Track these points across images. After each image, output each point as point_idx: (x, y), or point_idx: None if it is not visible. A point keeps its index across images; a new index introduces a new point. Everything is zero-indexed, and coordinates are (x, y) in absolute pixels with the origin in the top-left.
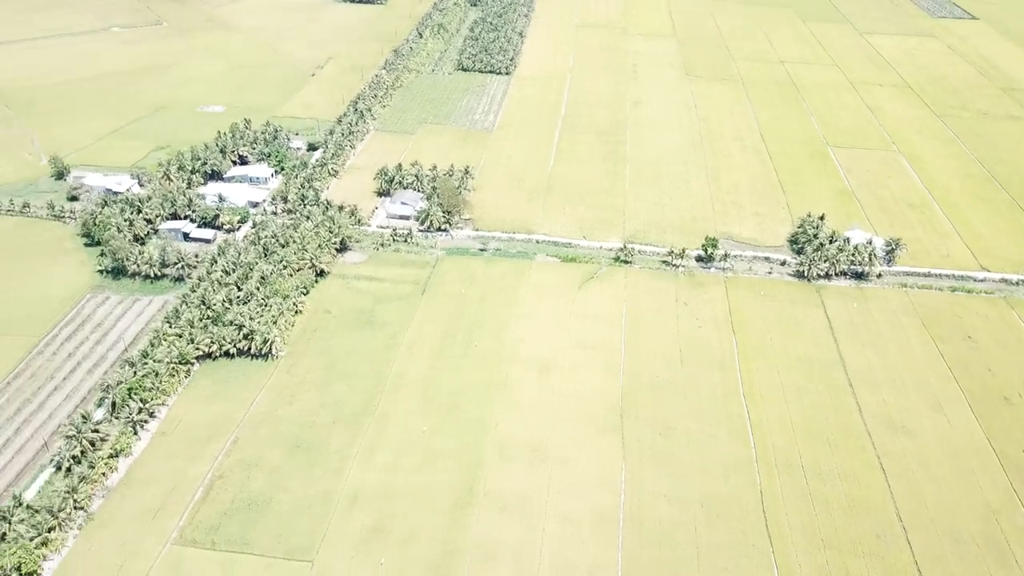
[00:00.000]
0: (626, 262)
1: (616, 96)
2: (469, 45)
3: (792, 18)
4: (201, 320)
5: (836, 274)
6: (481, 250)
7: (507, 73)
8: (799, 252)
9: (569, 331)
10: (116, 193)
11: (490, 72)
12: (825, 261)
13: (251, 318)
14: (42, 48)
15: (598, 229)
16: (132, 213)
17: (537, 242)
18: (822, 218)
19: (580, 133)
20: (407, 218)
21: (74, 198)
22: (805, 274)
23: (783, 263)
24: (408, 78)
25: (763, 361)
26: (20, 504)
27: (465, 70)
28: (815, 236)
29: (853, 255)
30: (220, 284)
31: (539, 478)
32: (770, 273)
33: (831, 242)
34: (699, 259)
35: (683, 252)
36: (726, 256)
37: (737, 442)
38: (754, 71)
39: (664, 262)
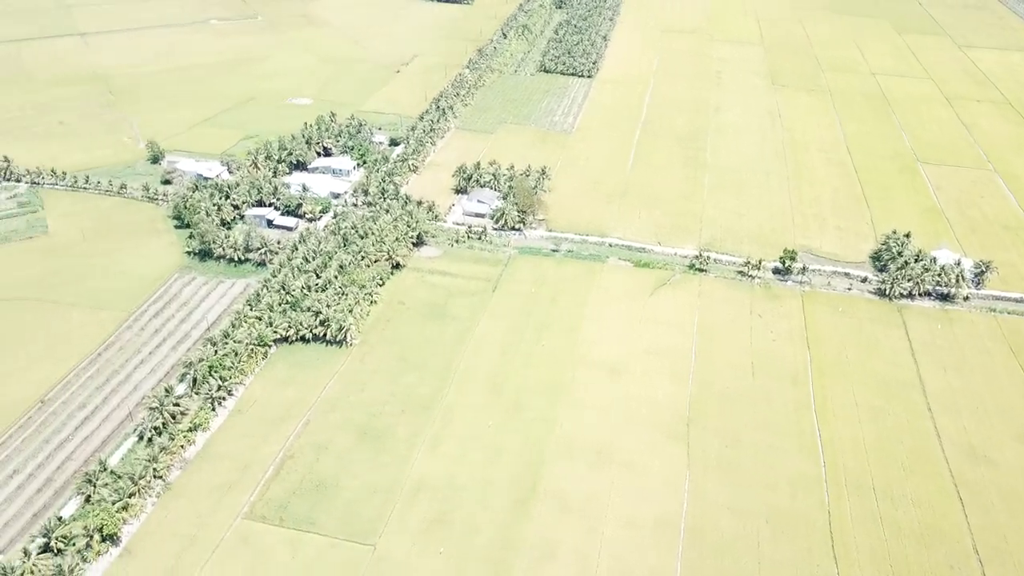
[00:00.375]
0: (701, 270)
1: (698, 102)
2: (552, 47)
3: (886, 29)
4: (280, 305)
5: (920, 294)
6: (554, 251)
7: (589, 76)
8: (881, 269)
9: (639, 336)
10: (206, 179)
11: (572, 74)
12: (909, 280)
13: (328, 305)
14: (145, 38)
15: (674, 235)
16: (220, 198)
17: (610, 245)
18: (908, 236)
19: (660, 138)
20: (482, 216)
21: (167, 182)
22: (887, 292)
23: (864, 280)
24: (491, 78)
25: (838, 378)
26: (105, 469)
27: (547, 72)
28: (899, 254)
29: (939, 275)
30: (300, 271)
31: (602, 480)
32: (849, 289)
33: (916, 261)
34: (776, 271)
35: (760, 263)
36: (804, 270)
37: (806, 459)
38: (843, 82)
39: (740, 272)
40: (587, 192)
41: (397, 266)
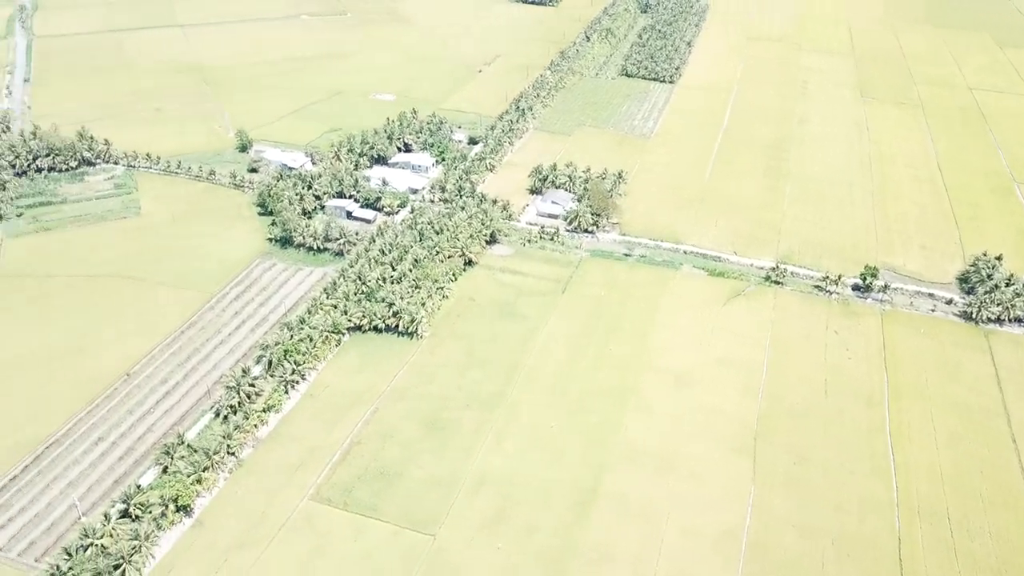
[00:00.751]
0: (777, 282)
1: (782, 112)
2: (635, 51)
3: (987, 43)
4: (355, 294)
5: (1010, 320)
6: (626, 255)
7: (671, 81)
8: (969, 292)
9: (710, 346)
10: (291, 168)
11: (654, 79)
12: (998, 305)
13: (401, 297)
14: (240, 31)
15: (751, 245)
16: (303, 188)
17: (685, 252)
18: (999, 258)
19: (741, 146)
20: (556, 217)
21: (254, 170)
22: (973, 316)
23: (949, 302)
24: (571, 80)
25: (916, 402)
26: (182, 443)
27: (629, 76)
28: (989, 277)
29: None
30: (376, 263)
31: (664, 488)
32: (933, 311)
33: (1007, 285)
34: (856, 288)
35: (839, 278)
36: (886, 288)
37: (878, 482)
38: (937, 96)
39: (817, 287)
40: (663, 198)
41: (469, 263)
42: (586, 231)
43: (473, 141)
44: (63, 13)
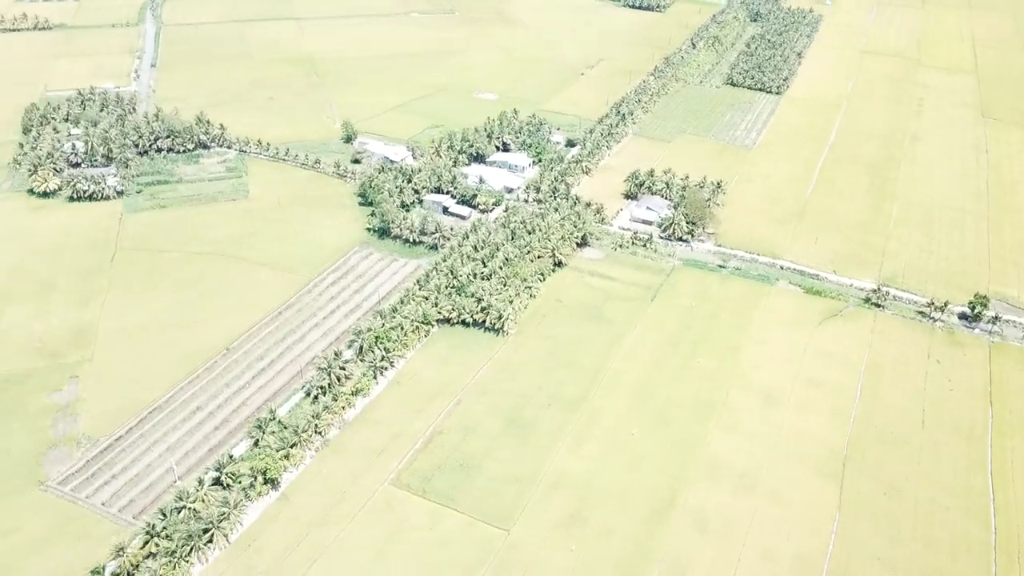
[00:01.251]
0: (877, 305)
1: (893, 130)
2: (742, 60)
3: None
4: (447, 288)
5: None
6: (720, 266)
7: (778, 92)
8: None
9: (802, 365)
10: (392, 162)
11: (760, 89)
12: None
13: (490, 294)
14: (352, 26)
15: (851, 265)
16: (403, 182)
17: (781, 268)
18: None
19: (846, 163)
20: (650, 223)
21: (357, 161)
22: None
23: None
24: (674, 87)
25: (1022, 440)
26: (274, 418)
27: (734, 85)
28: None
29: None
30: (468, 258)
31: (744, 506)
32: None
33: None
34: (963, 316)
35: (945, 305)
36: (996, 319)
37: (975, 521)
38: None
39: (921, 313)
40: (762, 210)
41: (559, 264)
42: (680, 239)
43: (571, 143)
44: (191, 3)
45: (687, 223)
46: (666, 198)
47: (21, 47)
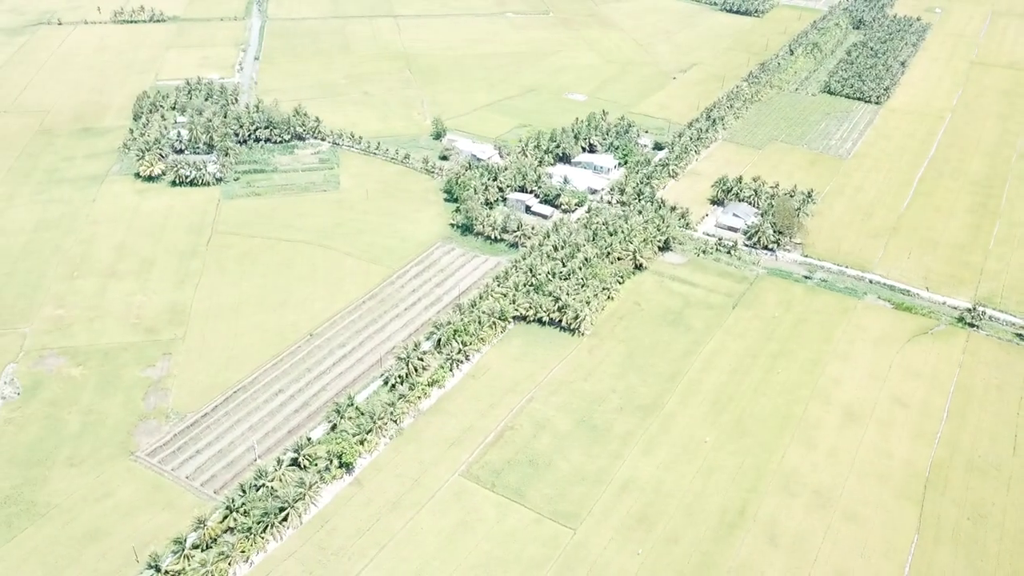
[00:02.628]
0: (972, 325)
1: (1000, 145)
2: (842, 68)
3: None
4: (525, 286)
5: None
6: (806, 277)
7: (877, 102)
8: None
9: (887, 383)
10: (479, 159)
11: (858, 99)
12: None
13: (568, 293)
14: (448, 25)
15: (945, 283)
16: (489, 180)
17: (870, 282)
18: None
19: (946, 178)
20: (735, 230)
21: (445, 158)
22: None
23: None
24: (768, 93)
25: None
26: (352, 404)
27: (831, 93)
28: None
29: None
30: (548, 257)
31: (818, 523)
32: None
33: None
34: None
35: None
36: None
37: None
38: None
39: (1019, 335)
40: (853, 223)
41: (639, 267)
42: (766, 248)
43: (659, 147)
44: None
45: (774, 231)
46: (754, 205)
47: (137, 38)
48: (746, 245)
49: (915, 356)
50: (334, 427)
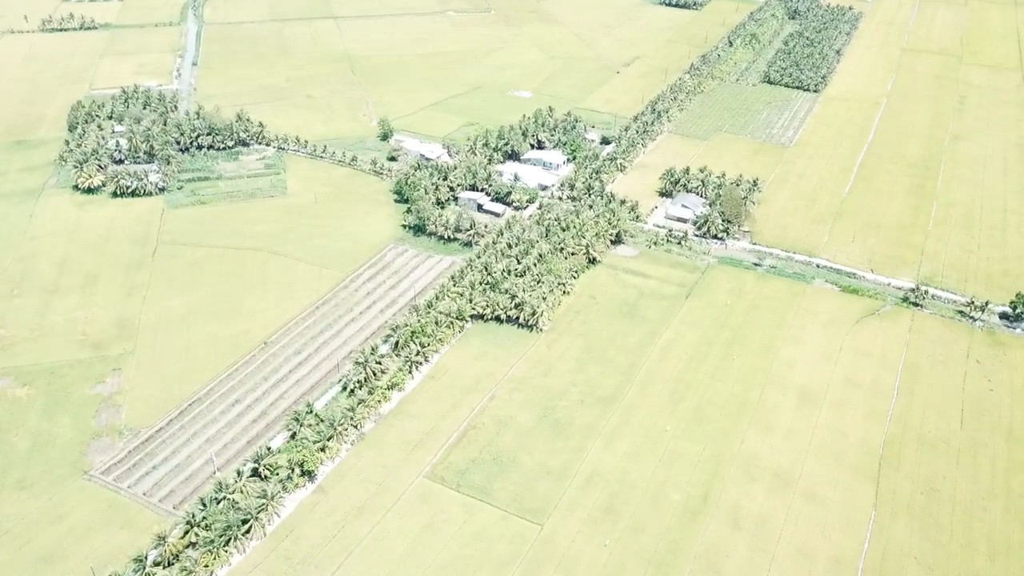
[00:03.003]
0: (916, 304)
1: (934, 128)
2: (780, 58)
3: None
4: (481, 284)
5: None
6: (755, 264)
7: (815, 91)
8: None
9: (838, 364)
10: (428, 159)
11: (797, 87)
12: None
13: (524, 290)
14: (388, 25)
15: (889, 265)
16: (439, 179)
17: (817, 266)
18: None
19: (885, 162)
20: (685, 221)
21: (393, 159)
22: None
23: None
24: (710, 85)
25: None
26: (311, 412)
27: (771, 83)
28: None
29: None
30: (502, 255)
31: (779, 505)
32: None
33: None
34: (1004, 316)
35: (985, 305)
36: None
37: (1016, 524)
38: None
39: (960, 312)
40: (799, 209)
41: (593, 261)
42: (715, 237)
43: (606, 141)
44: (232, 2)
45: (723, 221)
46: (702, 196)
47: (68, 46)
48: (696, 235)
49: (864, 337)
50: (294, 435)
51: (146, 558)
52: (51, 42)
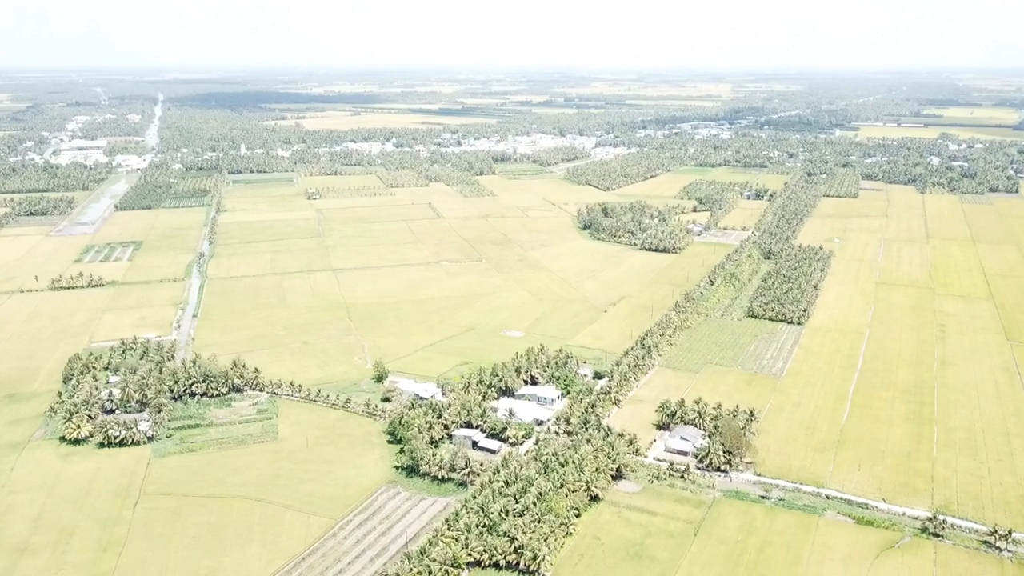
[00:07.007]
0: (936, 535)
1: (920, 355)
2: (761, 294)
3: None
4: (477, 527)
5: None
6: (763, 497)
7: (799, 323)
8: None
9: None
10: (422, 398)
11: (781, 320)
12: None
13: (524, 531)
14: (385, 275)
15: (900, 493)
16: (433, 417)
17: (827, 497)
18: None
19: (878, 389)
20: (685, 454)
21: (387, 399)
22: None
23: None
24: (696, 320)
25: None
26: None
27: (755, 317)
28: None
29: None
30: (500, 494)
31: None
32: None
33: None
34: None
35: (1010, 533)
36: None
37: None
38: None
39: (985, 542)
40: (799, 438)
41: (595, 498)
42: (718, 470)
43: (598, 376)
44: (235, 259)
45: (724, 452)
46: (699, 428)
47: (73, 303)
48: (698, 468)
49: (887, 573)
50: None
51: None
52: (57, 300)
